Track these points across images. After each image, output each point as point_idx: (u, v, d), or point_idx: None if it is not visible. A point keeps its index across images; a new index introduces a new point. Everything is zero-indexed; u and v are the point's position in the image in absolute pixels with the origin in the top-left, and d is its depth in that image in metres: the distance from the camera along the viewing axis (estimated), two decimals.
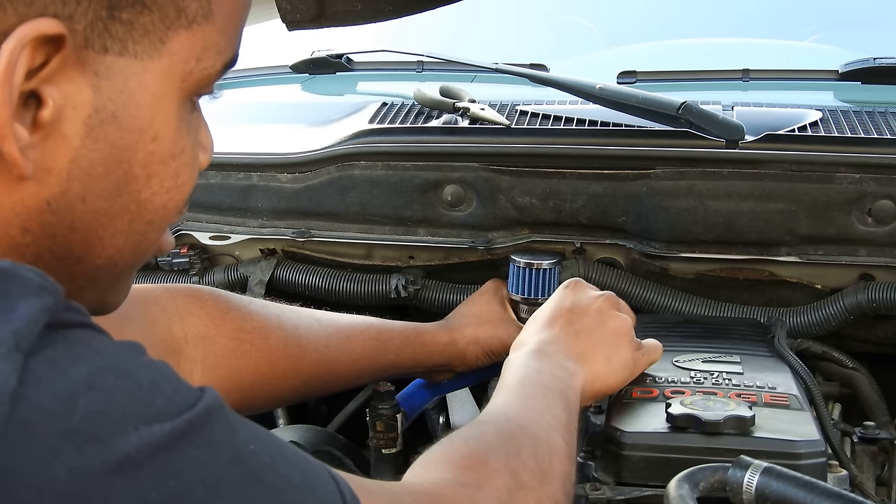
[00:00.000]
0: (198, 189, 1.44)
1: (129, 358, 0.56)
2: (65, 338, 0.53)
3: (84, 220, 0.61)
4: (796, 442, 0.95)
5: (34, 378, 0.50)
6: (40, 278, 0.53)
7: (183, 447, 0.53)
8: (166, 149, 0.63)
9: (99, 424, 0.51)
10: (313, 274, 1.45)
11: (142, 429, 0.52)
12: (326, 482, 0.61)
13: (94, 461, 0.50)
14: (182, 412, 0.54)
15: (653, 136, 1.31)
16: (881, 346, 1.37)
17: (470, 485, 0.76)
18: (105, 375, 0.53)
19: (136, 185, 0.63)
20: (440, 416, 1.39)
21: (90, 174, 0.60)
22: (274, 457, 0.59)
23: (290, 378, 1.12)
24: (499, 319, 1.30)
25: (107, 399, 0.52)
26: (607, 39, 2.11)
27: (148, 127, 0.62)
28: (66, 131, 0.58)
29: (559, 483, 0.84)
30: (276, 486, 0.58)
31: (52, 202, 0.60)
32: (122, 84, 0.60)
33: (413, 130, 1.40)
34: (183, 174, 0.65)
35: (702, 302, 1.35)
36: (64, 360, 0.52)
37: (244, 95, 1.79)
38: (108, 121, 0.60)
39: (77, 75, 0.58)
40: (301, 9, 1.12)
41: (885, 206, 1.25)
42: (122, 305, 0.95)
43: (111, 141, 0.60)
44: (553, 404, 0.93)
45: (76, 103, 0.58)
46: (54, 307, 0.53)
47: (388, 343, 1.21)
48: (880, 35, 1.99)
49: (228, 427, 0.57)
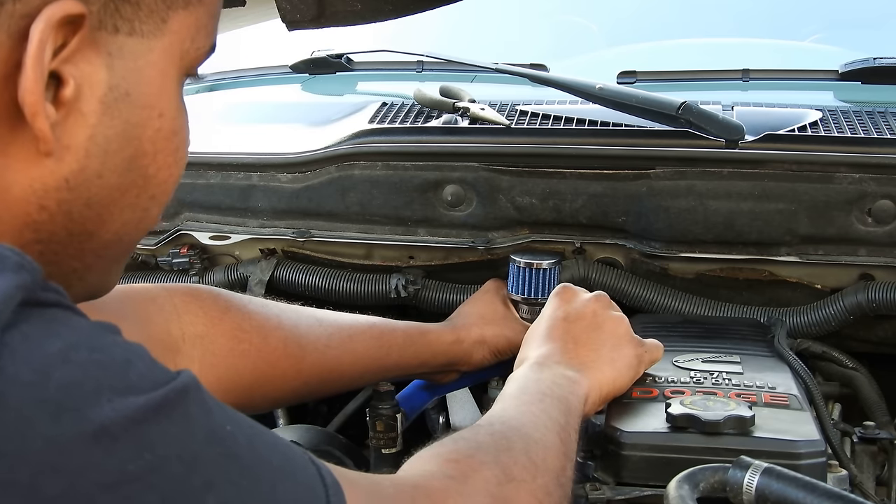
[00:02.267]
0: (198, 189, 1.46)
1: (103, 335, 0.57)
2: (41, 314, 0.54)
3: (99, 197, 0.64)
4: (796, 442, 0.95)
5: (9, 351, 0.51)
6: (18, 256, 0.55)
7: (158, 421, 0.54)
8: (170, 125, 0.67)
9: (74, 395, 0.52)
10: (313, 274, 1.45)
11: (116, 400, 0.52)
12: (306, 465, 0.62)
13: (70, 430, 0.51)
14: (158, 387, 0.55)
15: (653, 136, 1.31)
16: (881, 346, 1.37)
17: (456, 476, 0.76)
18: (79, 349, 0.54)
19: (145, 160, 0.66)
20: (440, 416, 1.39)
21: (106, 150, 0.63)
22: (252, 439, 0.60)
23: (289, 378, 1.12)
24: (504, 318, 1.30)
25: (81, 371, 0.53)
26: (607, 39, 2.11)
27: (156, 104, 0.65)
28: (84, 109, 0.61)
29: (552, 476, 0.84)
30: (253, 466, 0.58)
31: (70, 179, 0.62)
32: (133, 63, 0.63)
33: (413, 130, 1.40)
34: (181, 150, 0.69)
35: (702, 302, 1.35)
36: (39, 334, 0.53)
37: (244, 95, 1.79)
38: (122, 98, 0.63)
39: (93, 55, 0.61)
40: (301, 9, 1.12)
41: (885, 206, 1.25)
42: (120, 304, 0.96)
43: (125, 118, 0.63)
44: (550, 407, 0.93)
45: (93, 82, 0.61)
46: (31, 285, 0.54)
47: (391, 343, 1.21)
48: (880, 35, 1.99)
49: (204, 406, 0.58)
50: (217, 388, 1.02)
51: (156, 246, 1.49)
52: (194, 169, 1.43)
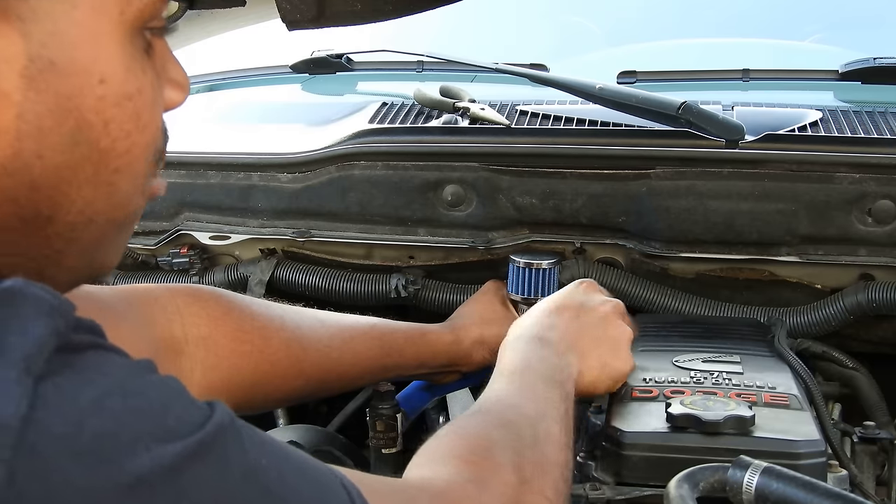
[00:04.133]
0: (198, 189, 1.46)
1: (138, 377, 0.55)
2: (73, 362, 0.52)
3: (45, 178, 0.58)
4: (796, 442, 0.95)
5: (43, 402, 0.49)
6: (52, 297, 0.52)
7: (195, 467, 0.53)
8: (117, 90, 0.59)
9: (109, 445, 0.50)
10: (313, 274, 1.45)
11: (154, 449, 0.51)
12: (337, 489, 0.61)
13: (106, 483, 0.49)
14: (194, 431, 0.53)
15: (653, 136, 1.31)
16: (881, 346, 1.37)
17: (475, 480, 0.76)
18: (113, 397, 0.52)
19: (93, 133, 0.58)
20: (440, 416, 1.39)
21: (40, 128, 0.56)
22: (284, 469, 0.59)
23: (291, 379, 1.12)
24: (503, 318, 1.30)
25: (116, 420, 0.51)
26: (607, 39, 2.11)
27: (92, 69, 0.57)
28: (4, 88, 0.55)
29: (558, 472, 0.85)
30: (287, 499, 0.57)
31: (6, 165, 0.56)
32: (52, 26, 0.55)
33: (413, 130, 1.40)
34: (144, 115, 0.61)
35: (702, 302, 1.35)
36: (72, 384, 0.51)
37: (244, 95, 1.79)
38: (47, 69, 0.56)
39: (2, 26, 0.54)
40: (301, 9, 1.12)
41: (885, 205, 1.25)
42: (123, 305, 0.96)
43: (54, 90, 0.56)
44: (551, 394, 0.93)
45: (8, 56, 0.54)
46: (64, 329, 0.52)
47: (392, 344, 1.21)
48: (880, 35, 1.99)
49: (239, 444, 0.56)
50: (219, 389, 1.03)
51: (156, 246, 1.49)
52: (194, 169, 1.43)
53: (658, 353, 1.17)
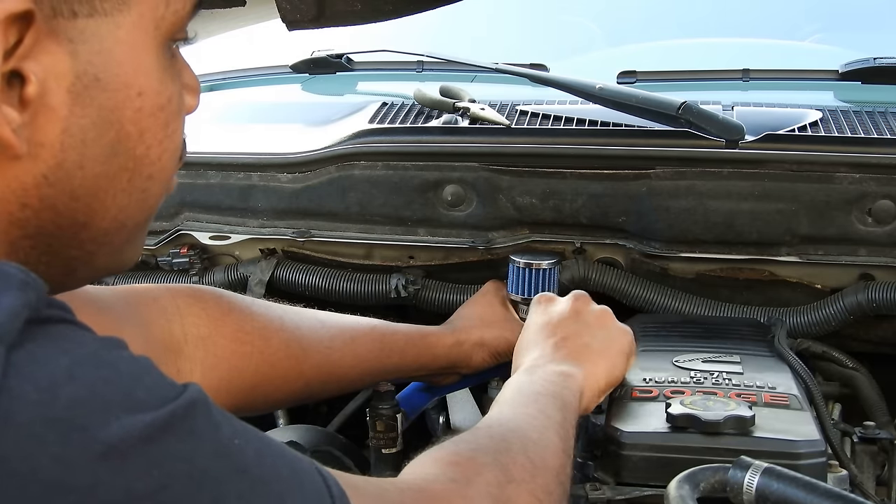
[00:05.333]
0: (198, 189, 1.46)
1: (109, 350, 0.56)
2: (46, 332, 0.53)
3: (84, 187, 0.61)
4: (796, 442, 0.95)
5: (16, 370, 0.50)
6: (23, 274, 0.54)
7: (167, 438, 0.53)
8: (153, 101, 0.63)
9: (81, 413, 0.51)
10: (313, 274, 1.45)
11: (124, 418, 0.52)
12: (313, 476, 0.62)
13: (79, 449, 0.50)
14: (165, 403, 0.54)
15: (653, 136, 1.32)
16: (881, 346, 1.37)
17: (459, 479, 0.76)
18: (85, 366, 0.53)
19: (130, 142, 0.62)
20: (440, 416, 1.39)
21: (83, 141, 0.60)
22: (259, 451, 0.59)
23: (291, 380, 1.12)
24: (503, 320, 1.30)
25: (88, 388, 0.52)
26: (607, 39, 2.11)
27: (132, 83, 0.61)
28: (52, 103, 0.58)
29: (552, 475, 0.84)
30: (262, 479, 0.58)
31: (48, 175, 0.59)
32: (99, 45, 0.59)
33: (413, 130, 1.40)
34: (172, 123, 0.65)
35: (702, 302, 1.35)
36: (45, 352, 0.52)
37: (244, 95, 1.79)
38: (92, 85, 0.59)
39: (53, 46, 0.57)
40: (301, 9, 1.12)
41: (885, 205, 1.25)
42: (122, 305, 0.96)
43: (98, 104, 0.60)
44: (546, 405, 0.93)
45: (57, 74, 0.58)
46: (35, 303, 0.53)
47: (392, 345, 1.21)
48: (880, 35, 1.99)
49: (212, 421, 0.57)
50: (219, 390, 1.02)
51: (156, 246, 1.49)
52: (194, 169, 1.43)
53: (658, 353, 1.17)
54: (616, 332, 1.10)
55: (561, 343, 1.06)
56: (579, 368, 1.02)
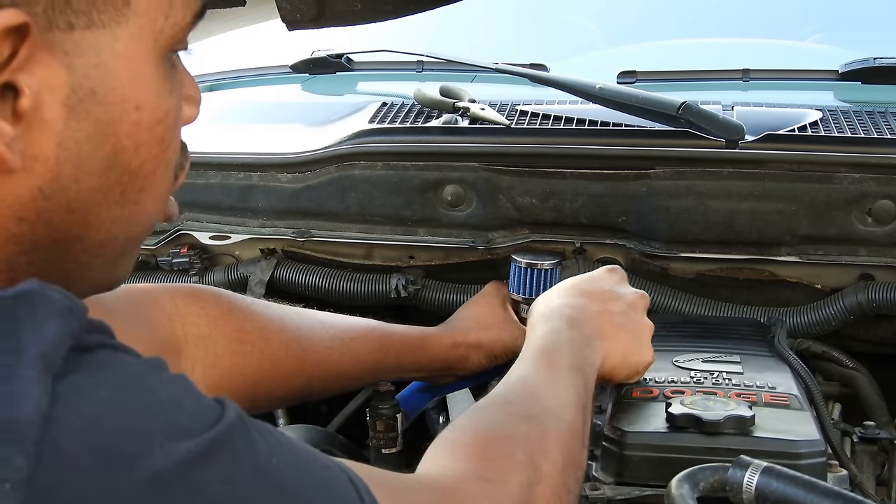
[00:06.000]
0: (198, 189, 1.46)
1: (150, 374, 0.56)
2: (88, 362, 0.53)
3: (80, 200, 0.60)
4: (796, 442, 0.95)
5: (62, 400, 0.50)
6: (67, 300, 0.54)
7: (209, 464, 0.54)
8: (150, 115, 0.61)
9: (125, 441, 0.51)
10: (313, 274, 1.45)
11: (168, 445, 0.52)
12: (345, 487, 0.62)
13: (124, 478, 0.51)
14: (206, 429, 0.55)
15: (653, 136, 1.32)
16: (881, 346, 1.37)
17: (491, 479, 0.75)
18: (128, 393, 0.53)
19: (126, 156, 0.61)
20: (440, 415, 1.39)
21: (79, 154, 0.59)
22: (294, 467, 0.60)
23: (291, 379, 1.12)
24: (502, 322, 1.30)
25: (131, 417, 0.52)
26: (607, 39, 2.11)
27: (130, 96, 0.60)
28: (47, 117, 0.57)
29: (574, 469, 0.84)
30: (297, 494, 0.58)
31: (44, 189, 0.58)
32: (95, 58, 0.58)
33: (413, 130, 1.40)
34: (168, 136, 0.64)
35: (702, 302, 1.35)
36: (87, 383, 0.52)
37: (244, 95, 1.79)
38: (88, 98, 0.58)
39: (48, 58, 0.56)
40: (301, 9, 1.12)
41: (885, 205, 1.25)
42: (123, 305, 0.96)
43: (94, 118, 0.58)
44: (577, 382, 0.92)
45: (52, 87, 0.56)
46: (78, 330, 0.53)
47: (391, 346, 1.21)
48: (880, 35, 1.99)
49: (250, 442, 0.57)
50: (219, 389, 1.03)
51: (156, 246, 1.49)
52: (194, 169, 1.43)
53: (658, 353, 1.17)
54: (646, 345, 1.07)
55: (602, 315, 1.04)
56: (603, 347, 1.01)
